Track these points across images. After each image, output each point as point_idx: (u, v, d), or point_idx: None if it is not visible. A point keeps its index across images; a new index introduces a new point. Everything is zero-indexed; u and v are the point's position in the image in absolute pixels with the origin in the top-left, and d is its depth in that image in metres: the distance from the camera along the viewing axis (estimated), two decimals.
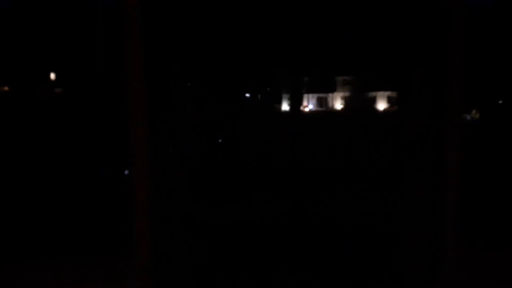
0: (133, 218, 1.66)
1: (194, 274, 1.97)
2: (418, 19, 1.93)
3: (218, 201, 5.63)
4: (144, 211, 1.65)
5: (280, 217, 5.18)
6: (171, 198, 1.81)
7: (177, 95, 1.93)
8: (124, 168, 2.50)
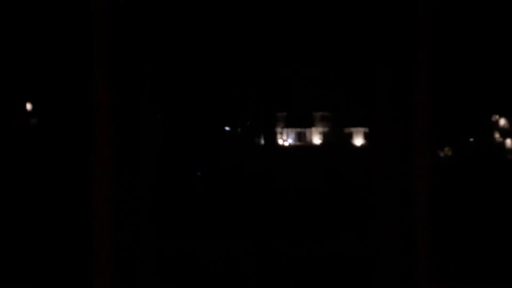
0: (94, 258, 1.56)
1: None
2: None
3: (187, 234, 5.52)
4: (107, 247, 1.54)
5: (246, 254, 5.10)
6: (134, 232, 1.73)
7: (146, 126, 1.89)
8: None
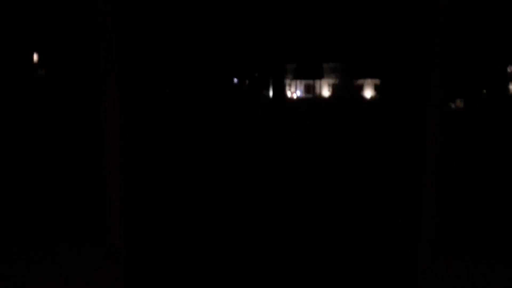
0: (106, 202, 1.59)
1: (168, 260, 1.94)
2: (401, 7, 1.91)
3: (199, 185, 5.58)
4: (117, 194, 1.56)
5: (258, 204, 5.14)
6: (147, 182, 1.73)
7: (156, 79, 1.84)
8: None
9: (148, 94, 1.71)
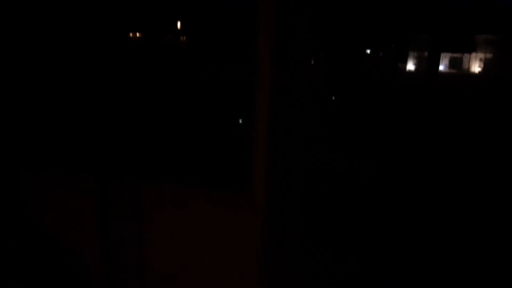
0: (252, 159, 1.83)
1: (304, 211, 2.09)
2: None
3: (326, 152, 5.61)
4: (263, 154, 1.80)
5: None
6: (287, 145, 1.91)
7: (301, 53, 1.89)
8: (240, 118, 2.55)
9: (296, 65, 1.85)
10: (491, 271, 3.31)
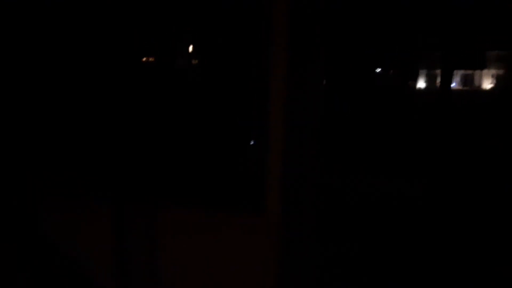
0: (267, 179, 1.88)
1: (320, 233, 2.13)
2: None
3: (341, 171, 5.66)
4: (276, 174, 1.83)
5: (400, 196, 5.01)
6: (302, 165, 1.95)
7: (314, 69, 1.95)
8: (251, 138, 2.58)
9: (309, 84, 1.90)
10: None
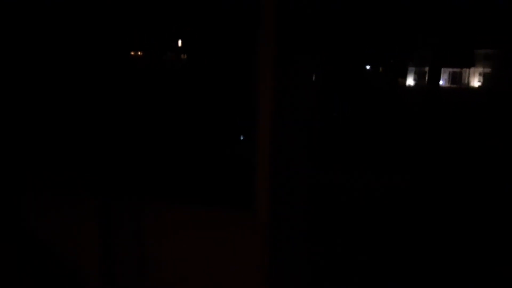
0: (255, 177, 1.86)
1: (309, 232, 2.12)
2: None
3: (329, 167, 5.68)
4: (265, 172, 1.81)
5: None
6: (291, 162, 1.93)
7: (302, 66, 1.93)
8: (240, 134, 2.57)
9: (298, 81, 1.87)
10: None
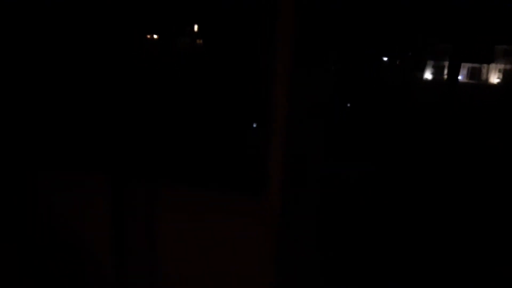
0: (268, 164, 1.87)
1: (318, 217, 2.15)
2: None
3: (341, 158, 5.68)
4: (279, 159, 1.82)
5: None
6: (305, 153, 1.94)
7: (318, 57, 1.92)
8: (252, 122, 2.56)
9: (315, 72, 1.87)
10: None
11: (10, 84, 2.57)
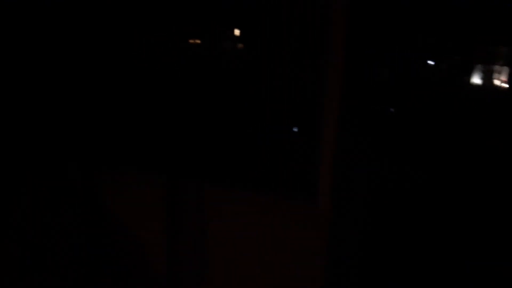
0: (318, 170, 1.92)
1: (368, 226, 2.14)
2: None
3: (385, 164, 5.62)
4: (329, 165, 1.86)
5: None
6: (353, 159, 1.97)
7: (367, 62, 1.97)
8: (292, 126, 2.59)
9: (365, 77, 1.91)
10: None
11: (80, 90, 2.72)
